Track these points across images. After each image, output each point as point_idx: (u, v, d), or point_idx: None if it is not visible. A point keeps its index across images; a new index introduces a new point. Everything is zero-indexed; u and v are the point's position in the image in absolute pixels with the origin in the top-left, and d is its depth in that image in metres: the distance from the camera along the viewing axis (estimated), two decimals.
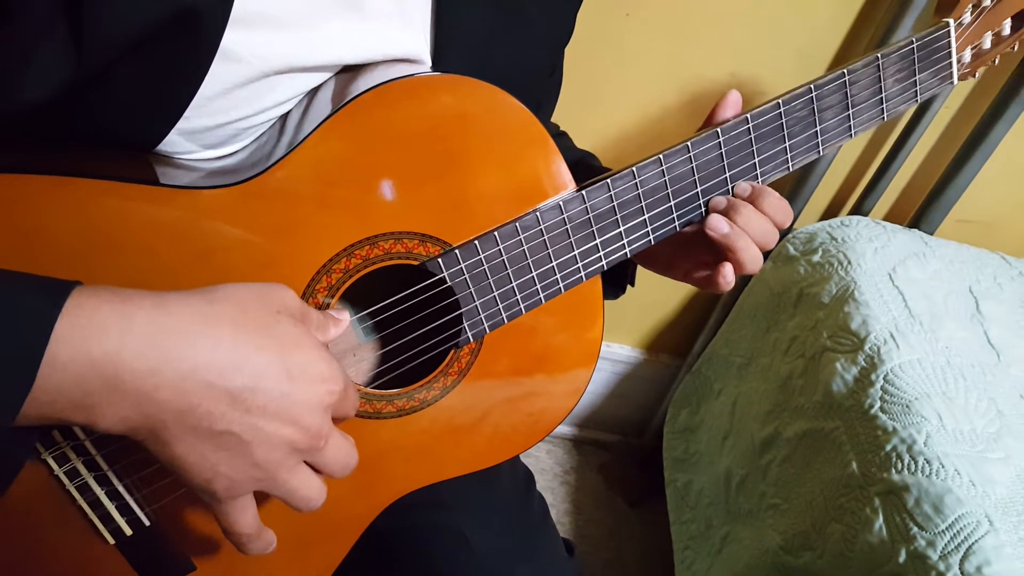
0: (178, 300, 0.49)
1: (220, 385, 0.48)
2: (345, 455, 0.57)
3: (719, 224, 0.71)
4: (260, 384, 0.50)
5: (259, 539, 0.57)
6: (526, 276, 0.69)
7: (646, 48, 1.36)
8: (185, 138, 0.62)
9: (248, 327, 0.50)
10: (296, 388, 0.51)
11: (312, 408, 0.52)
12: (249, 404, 0.49)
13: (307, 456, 0.54)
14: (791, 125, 0.73)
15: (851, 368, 1.22)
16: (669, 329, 1.85)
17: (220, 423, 0.49)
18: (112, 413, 0.46)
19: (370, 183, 0.62)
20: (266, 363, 0.50)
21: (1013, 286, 1.48)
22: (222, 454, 0.50)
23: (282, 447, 0.52)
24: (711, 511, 1.50)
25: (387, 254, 0.64)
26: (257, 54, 0.59)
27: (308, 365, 0.52)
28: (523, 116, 0.65)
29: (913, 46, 0.75)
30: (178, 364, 0.47)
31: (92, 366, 0.44)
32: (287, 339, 0.52)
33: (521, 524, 0.89)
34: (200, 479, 0.51)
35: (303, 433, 0.52)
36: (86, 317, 0.45)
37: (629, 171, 0.68)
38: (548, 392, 0.76)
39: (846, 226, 1.50)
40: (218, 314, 0.49)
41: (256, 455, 0.51)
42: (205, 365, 0.48)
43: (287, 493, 0.54)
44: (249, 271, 0.60)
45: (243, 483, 0.52)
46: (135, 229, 0.55)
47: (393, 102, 0.60)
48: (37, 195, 0.52)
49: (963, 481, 1.01)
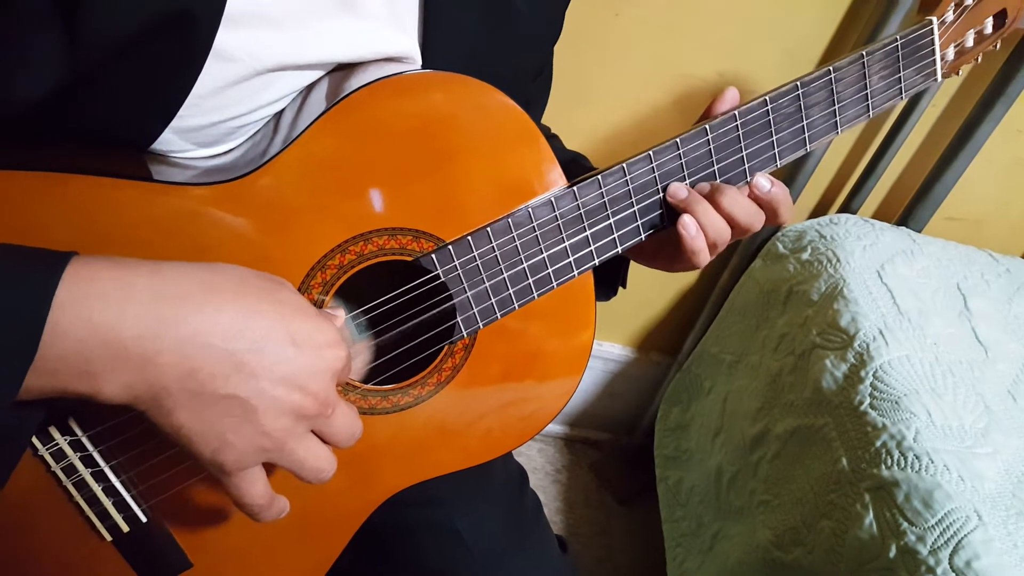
0: (177, 267, 0.49)
1: (223, 347, 0.48)
2: (352, 423, 0.57)
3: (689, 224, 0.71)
4: (264, 347, 0.49)
5: (271, 507, 0.56)
6: (518, 271, 0.69)
7: (635, 47, 1.37)
8: (179, 136, 0.62)
9: (250, 294, 0.50)
10: (302, 353, 0.51)
11: (319, 373, 0.52)
12: (254, 367, 0.49)
13: (315, 424, 0.54)
14: (778, 121, 0.74)
15: (840, 365, 1.23)
16: (659, 327, 1.86)
17: (224, 387, 0.48)
18: (115, 380, 0.46)
19: (363, 180, 0.62)
20: (269, 326, 0.50)
21: (1000, 283, 1.49)
22: (228, 421, 0.50)
23: (289, 413, 0.51)
24: (702, 508, 1.51)
25: (381, 250, 0.64)
26: (250, 53, 0.59)
27: (313, 331, 0.52)
28: (514, 112, 0.65)
29: (897, 43, 0.75)
30: (179, 328, 0.47)
31: (94, 332, 0.45)
32: (289, 305, 0.52)
33: (514, 521, 0.89)
34: (207, 450, 0.50)
35: (312, 399, 0.52)
36: (85, 284, 0.45)
37: (620, 167, 0.69)
38: (540, 389, 0.77)
39: (835, 224, 1.51)
40: (219, 281, 0.50)
41: (263, 422, 0.50)
42: (207, 329, 0.48)
43: (296, 464, 0.54)
44: (244, 266, 0.60)
45: (251, 454, 0.51)
46: (129, 226, 0.56)
47: (385, 99, 0.61)
48: (31, 192, 0.52)
49: (952, 476, 1.02)
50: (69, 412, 0.57)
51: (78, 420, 0.57)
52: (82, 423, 0.58)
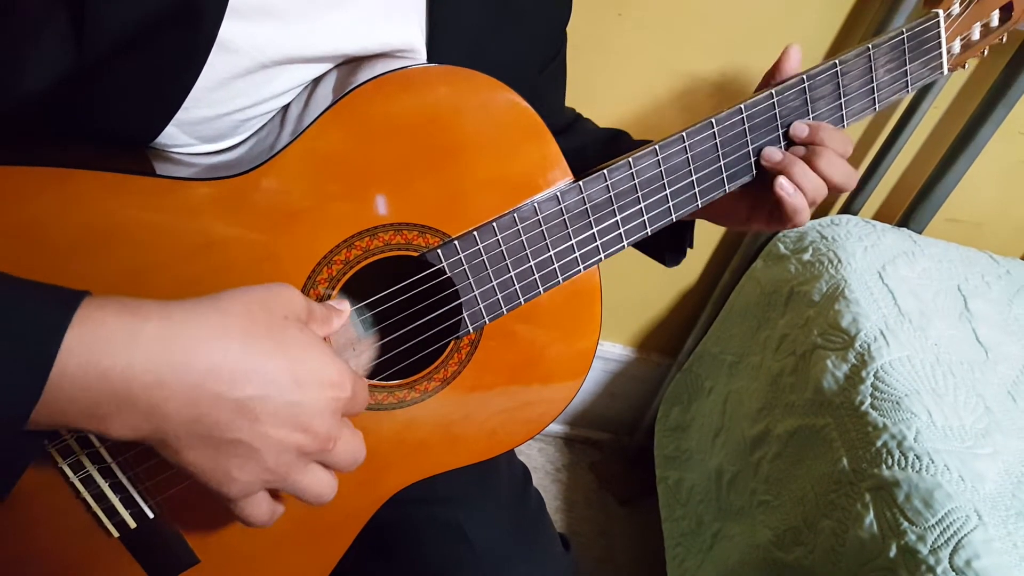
0: (186, 311, 0.49)
1: (229, 395, 0.48)
2: (354, 451, 0.57)
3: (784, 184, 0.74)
4: (269, 392, 0.50)
5: (272, 519, 0.58)
6: (524, 266, 0.69)
7: (638, 46, 1.37)
8: (183, 131, 0.62)
9: (256, 336, 0.50)
10: (305, 395, 0.51)
11: (320, 413, 0.53)
12: (258, 413, 0.50)
13: (317, 457, 0.55)
14: (784, 115, 0.74)
15: (842, 365, 1.23)
16: (660, 328, 1.86)
17: (229, 432, 0.49)
18: (122, 423, 0.47)
19: (369, 175, 0.62)
20: (274, 371, 0.50)
21: (1000, 284, 1.49)
22: (233, 460, 0.51)
23: (292, 451, 0.52)
24: (702, 508, 1.51)
25: (387, 245, 0.64)
26: (255, 45, 0.59)
27: (317, 371, 0.53)
28: (520, 107, 0.65)
29: (903, 36, 0.75)
30: (187, 376, 0.47)
31: (102, 378, 0.45)
32: (295, 345, 0.52)
33: (518, 519, 0.89)
34: (213, 482, 0.51)
35: (312, 438, 0.53)
36: (95, 328, 0.45)
37: (625, 162, 0.69)
38: (545, 385, 0.77)
39: (836, 225, 1.51)
40: (226, 324, 0.50)
41: (267, 460, 0.51)
42: (214, 376, 0.48)
43: (298, 492, 0.55)
44: (250, 263, 0.60)
45: (255, 484, 0.53)
46: (135, 222, 0.56)
47: (391, 94, 0.61)
48: (36, 188, 0.52)
49: (952, 476, 1.02)
50: None
51: None
52: None
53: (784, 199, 0.74)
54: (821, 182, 0.75)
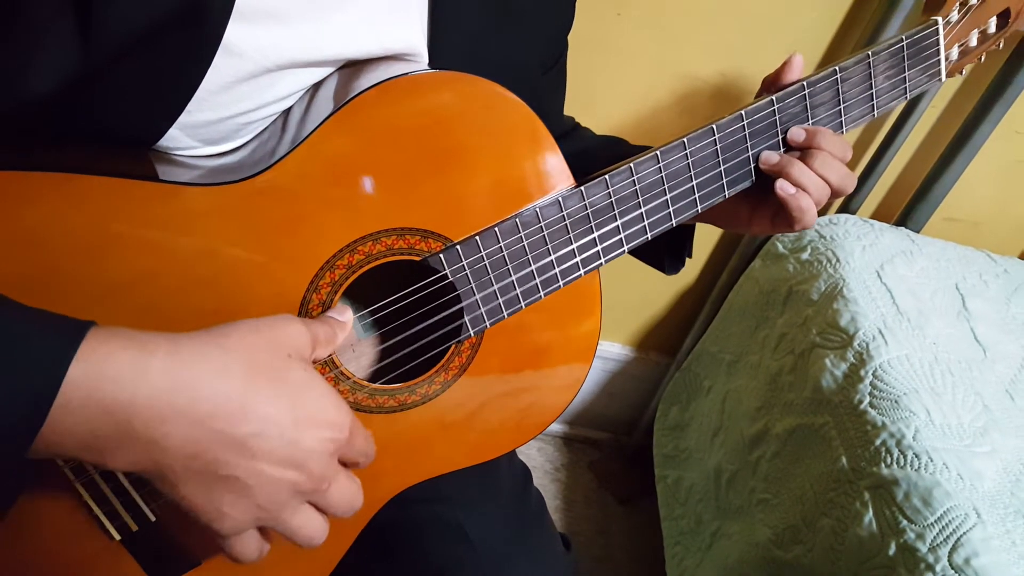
0: (191, 349, 0.49)
1: (228, 433, 0.49)
2: (350, 497, 0.57)
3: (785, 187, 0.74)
4: (267, 431, 0.50)
5: (261, 557, 0.58)
6: (526, 271, 0.69)
7: (637, 47, 1.37)
8: (186, 133, 0.63)
9: (259, 375, 0.51)
10: (301, 435, 0.52)
11: (317, 454, 0.53)
12: (255, 450, 0.50)
13: (310, 498, 0.55)
14: (784, 121, 0.74)
15: (840, 364, 1.23)
16: (659, 327, 1.86)
17: (225, 468, 0.49)
18: (122, 457, 0.47)
19: (372, 180, 0.62)
20: (275, 412, 0.51)
21: (998, 283, 1.50)
22: (227, 496, 0.51)
23: (285, 490, 0.52)
24: (701, 507, 1.51)
25: (389, 250, 0.65)
26: (259, 49, 0.59)
27: (316, 412, 0.53)
28: (522, 112, 0.65)
29: (903, 44, 0.76)
30: (189, 414, 0.47)
31: (104, 413, 0.45)
32: (297, 385, 0.53)
33: (519, 518, 0.90)
34: (204, 518, 0.51)
35: (307, 477, 0.53)
36: (100, 363, 0.44)
37: (627, 167, 0.69)
38: (545, 387, 0.77)
39: (834, 224, 1.52)
40: (230, 363, 0.50)
41: (259, 498, 0.52)
42: (215, 415, 0.48)
43: (289, 532, 0.55)
44: (253, 268, 0.60)
45: (246, 522, 0.53)
46: (138, 226, 0.56)
47: (394, 100, 0.61)
48: (39, 192, 0.52)
49: (951, 475, 1.02)
50: None
51: None
52: None
53: (786, 200, 0.74)
54: (822, 182, 0.75)
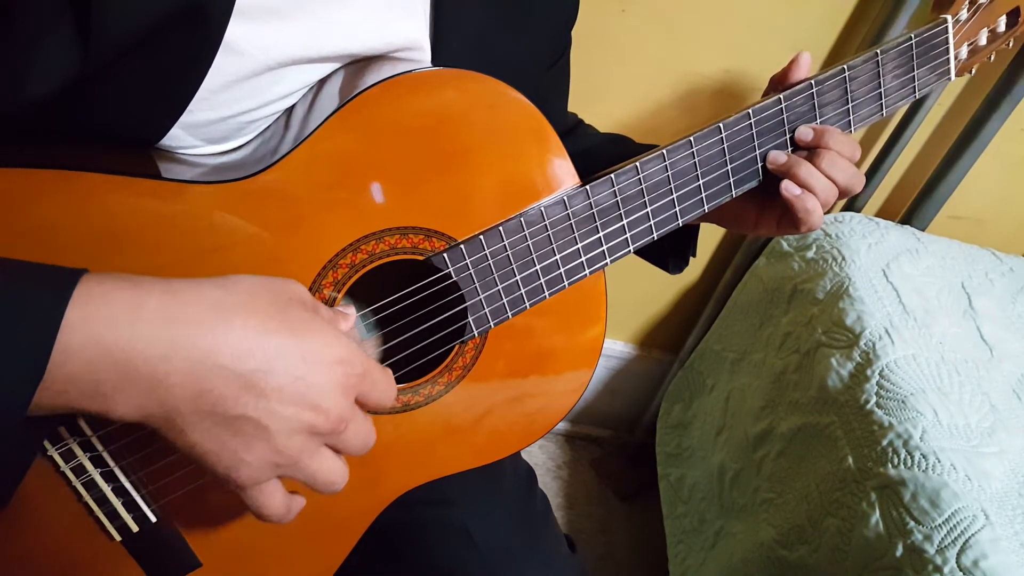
0: (188, 287, 0.48)
1: (232, 368, 0.48)
2: (365, 435, 0.56)
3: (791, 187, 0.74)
4: (273, 367, 0.49)
5: (289, 513, 0.56)
6: (530, 271, 0.69)
7: (641, 44, 1.37)
8: (188, 132, 0.62)
9: (260, 313, 0.50)
10: (311, 371, 0.50)
11: (330, 391, 0.52)
12: (263, 388, 0.49)
13: (328, 440, 0.54)
14: (792, 120, 0.73)
15: (846, 364, 1.23)
16: (662, 325, 1.85)
17: (234, 408, 0.48)
18: (125, 401, 0.46)
19: (375, 178, 0.61)
20: (279, 346, 0.49)
21: (1004, 282, 1.49)
22: (239, 440, 0.49)
23: (302, 432, 0.51)
24: (704, 505, 1.51)
25: (393, 249, 0.64)
26: (260, 47, 0.59)
27: (322, 348, 0.52)
28: (528, 111, 0.65)
29: (912, 42, 0.75)
30: (190, 350, 0.46)
31: (104, 354, 0.44)
32: (299, 324, 0.51)
33: (524, 520, 0.89)
34: (221, 467, 0.50)
35: (324, 417, 0.51)
36: (96, 305, 0.44)
37: (633, 166, 0.68)
38: (550, 389, 0.76)
39: (840, 222, 1.51)
40: (229, 301, 0.49)
41: (276, 441, 0.50)
42: (217, 350, 0.47)
43: (309, 478, 0.54)
44: (255, 267, 0.59)
45: (265, 470, 0.51)
46: (139, 224, 0.55)
47: (398, 97, 0.60)
48: (40, 190, 0.52)
49: (959, 476, 1.01)
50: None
51: (88, 421, 0.57)
52: (92, 424, 0.57)
53: (792, 201, 0.73)
54: (829, 182, 0.74)
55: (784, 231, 0.79)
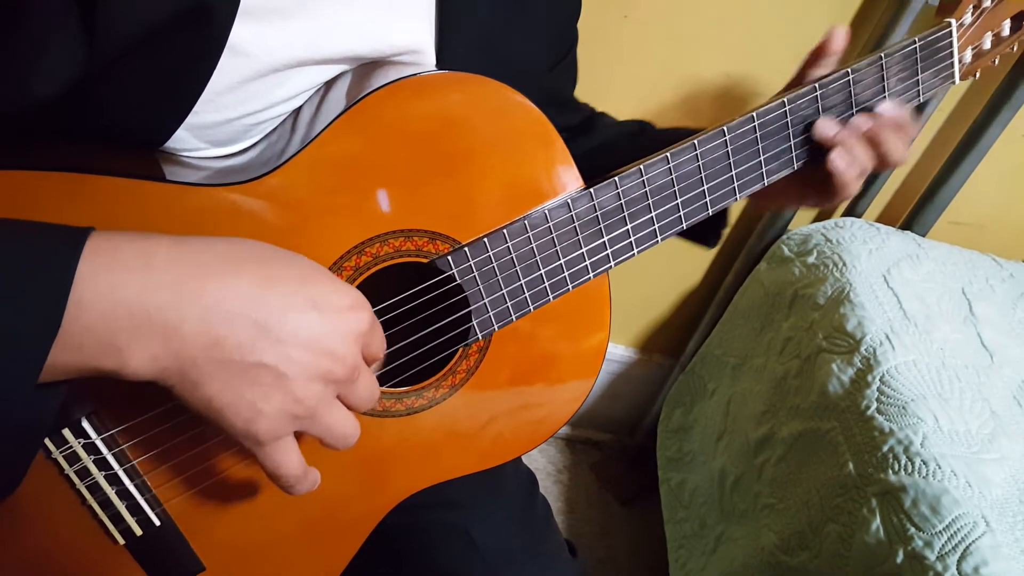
0: (197, 240, 0.49)
1: (245, 315, 0.48)
2: (373, 388, 0.56)
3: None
4: (287, 313, 0.49)
5: (305, 479, 0.56)
6: (534, 273, 0.69)
7: (644, 49, 1.37)
8: (193, 135, 0.62)
9: (269, 263, 0.50)
10: (324, 317, 0.51)
11: (344, 337, 0.52)
12: (278, 333, 0.49)
13: (342, 388, 0.53)
14: (796, 124, 0.73)
15: (847, 369, 1.23)
16: (663, 329, 1.85)
17: (251, 354, 0.48)
18: (140, 352, 0.46)
19: (380, 181, 0.61)
20: (290, 292, 0.50)
21: (1004, 288, 1.49)
22: (257, 389, 0.49)
23: (319, 379, 0.51)
24: (705, 510, 1.51)
25: (397, 252, 0.64)
26: (265, 48, 0.59)
27: (333, 295, 0.52)
28: (532, 114, 0.65)
29: (916, 46, 0.75)
30: (201, 297, 0.47)
31: (117, 304, 0.44)
32: (308, 272, 0.52)
33: (525, 525, 0.89)
34: (239, 420, 0.49)
35: (340, 364, 0.51)
36: (107, 256, 0.45)
37: (637, 169, 0.68)
38: (553, 393, 0.76)
39: (840, 228, 1.51)
40: (238, 251, 0.50)
41: (294, 388, 0.50)
42: (229, 297, 0.47)
43: (325, 430, 0.53)
44: None
45: (284, 421, 0.51)
46: (144, 227, 0.55)
47: (403, 100, 0.60)
48: (45, 192, 0.52)
49: (960, 482, 1.01)
50: (83, 414, 0.56)
51: (92, 423, 0.57)
52: (96, 426, 0.57)
53: (835, 169, 0.74)
54: (871, 153, 0.75)
55: (819, 201, 0.80)
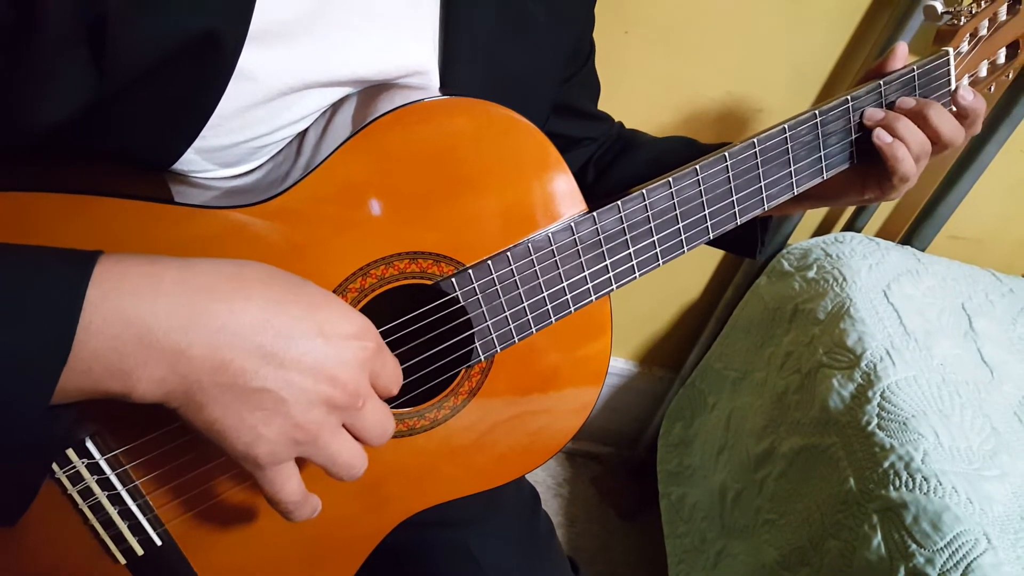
0: (205, 263, 0.49)
1: (252, 339, 0.48)
2: (383, 419, 0.56)
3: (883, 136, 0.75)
4: (292, 338, 0.50)
5: (305, 505, 0.56)
6: (537, 296, 0.69)
7: (644, 65, 1.37)
8: (201, 156, 0.62)
9: (276, 287, 0.51)
10: (329, 343, 0.51)
11: (347, 364, 0.52)
12: (282, 359, 0.49)
13: (346, 416, 0.54)
14: (796, 150, 0.74)
15: (848, 384, 1.23)
16: (663, 342, 1.86)
17: (255, 380, 0.49)
18: (148, 376, 0.46)
19: (386, 204, 0.62)
20: (296, 316, 0.50)
21: (1004, 303, 1.50)
22: (259, 414, 0.49)
23: (320, 405, 0.51)
24: (705, 525, 1.51)
25: (402, 274, 0.64)
26: (272, 72, 0.59)
27: (339, 321, 0.52)
28: (536, 138, 0.66)
29: (914, 74, 0.76)
30: (209, 320, 0.47)
31: (126, 327, 0.45)
32: (316, 298, 0.52)
33: (527, 542, 0.89)
34: (240, 444, 0.50)
35: (341, 390, 0.52)
36: (116, 281, 0.45)
37: (639, 193, 0.69)
38: (555, 412, 0.77)
39: (840, 242, 1.51)
40: (246, 275, 0.50)
41: (294, 413, 0.50)
42: (236, 321, 0.48)
43: (329, 459, 0.54)
44: None
45: (285, 446, 0.51)
46: (151, 249, 0.55)
47: (410, 125, 0.61)
48: (53, 214, 0.52)
49: (961, 498, 1.02)
50: (87, 435, 0.57)
51: (96, 443, 0.57)
52: (100, 446, 0.58)
53: (883, 149, 0.75)
54: (923, 136, 0.76)
55: (881, 193, 0.81)
